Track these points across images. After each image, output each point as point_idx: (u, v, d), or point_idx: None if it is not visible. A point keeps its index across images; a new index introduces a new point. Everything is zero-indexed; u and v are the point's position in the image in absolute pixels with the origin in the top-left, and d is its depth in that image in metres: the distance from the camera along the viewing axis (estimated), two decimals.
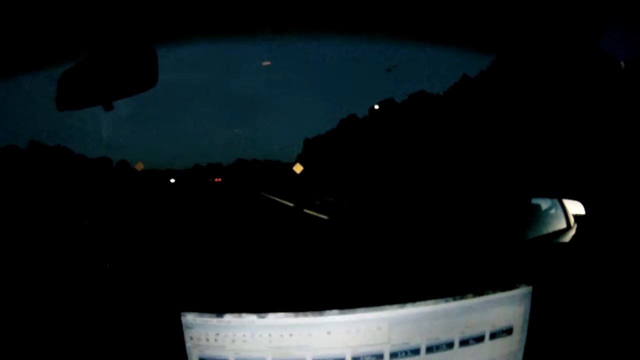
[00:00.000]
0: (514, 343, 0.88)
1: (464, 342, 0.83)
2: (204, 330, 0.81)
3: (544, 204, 1.55)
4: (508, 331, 0.87)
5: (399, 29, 1.30)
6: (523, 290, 0.86)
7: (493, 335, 0.85)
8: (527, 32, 1.18)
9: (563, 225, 1.52)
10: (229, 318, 0.80)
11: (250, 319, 0.79)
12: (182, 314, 0.82)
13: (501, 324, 0.85)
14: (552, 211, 1.56)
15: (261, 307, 0.80)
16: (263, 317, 0.79)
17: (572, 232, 1.46)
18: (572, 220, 1.51)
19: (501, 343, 0.87)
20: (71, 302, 0.91)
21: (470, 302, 0.82)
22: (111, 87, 0.96)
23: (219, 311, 0.81)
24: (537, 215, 1.54)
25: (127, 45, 0.96)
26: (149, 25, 1.16)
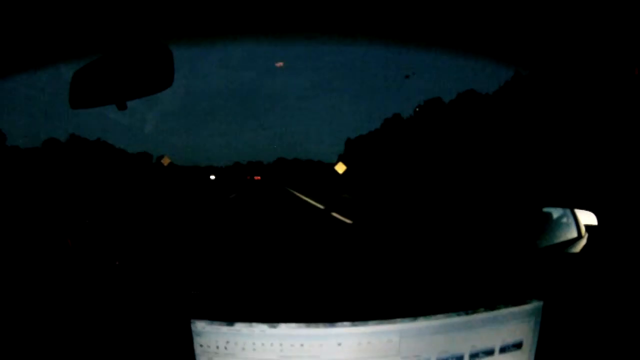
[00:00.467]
0: (524, 357, 0.87)
1: (474, 356, 0.83)
2: (213, 337, 0.82)
3: (556, 213, 1.54)
4: (518, 345, 0.86)
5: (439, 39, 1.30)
6: (534, 305, 0.85)
7: (503, 350, 0.85)
8: (548, 42, 1.17)
9: (574, 234, 1.50)
10: (239, 326, 0.80)
11: (261, 328, 0.80)
12: (192, 321, 0.82)
13: (512, 338, 0.84)
14: (564, 220, 1.54)
15: (272, 316, 0.80)
16: (274, 327, 0.79)
17: (583, 242, 1.44)
18: (583, 230, 1.49)
19: (511, 357, 0.86)
20: (80, 305, 0.91)
21: (482, 316, 0.81)
22: (125, 86, 0.96)
23: (230, 319, 0.81)
24: (549, 224, 1.52)
25: (143, 46, 0.96)
26: (181, 27, 1.17)
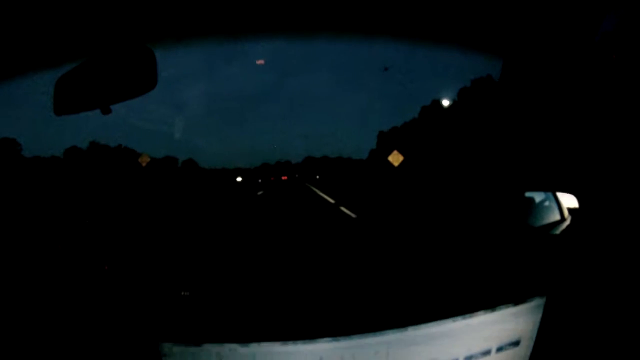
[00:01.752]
0: (521, 354, 0.82)
1: (469, 358, 0.77)
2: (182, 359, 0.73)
3: (538, 197, 1.52)
4: (515, 343, 0.80)
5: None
6: (536, 303, 0.79)
7: (500, 349, 0.79)
8: (526, 31, 1.14)
9: (557, 217, 1.50)
10: (208, 347, 0.72)
11: (231, 347, 0.71)
12: (160, 344, 0.73)
13: (509, 338, 0.79)
14: (547, 204, 1.53)
15: (246, 334, 0.72)
16: (246, 346, 0.71)
17: (566, 223, 1.44)
18: (566, 212, 1.49)
19: (507, 355, 0.81)
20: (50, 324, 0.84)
21: (478, 319, 0.75)
22: (109, 90, 0.95)
23: (200, 340, 0.72)
24: (532, 208, 1.51)
25: (125, 49, 0.94)
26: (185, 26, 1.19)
